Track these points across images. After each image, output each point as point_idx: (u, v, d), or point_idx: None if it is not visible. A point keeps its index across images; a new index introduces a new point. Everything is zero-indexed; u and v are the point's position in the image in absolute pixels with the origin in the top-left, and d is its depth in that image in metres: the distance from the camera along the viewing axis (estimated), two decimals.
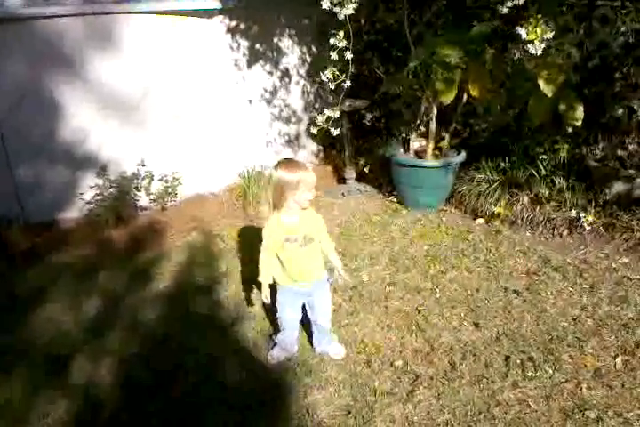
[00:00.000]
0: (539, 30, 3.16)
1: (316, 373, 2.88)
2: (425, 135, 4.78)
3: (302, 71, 5.30)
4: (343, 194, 5.09)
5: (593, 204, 4.14)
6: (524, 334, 3.09)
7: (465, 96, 4.42)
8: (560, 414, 2.54)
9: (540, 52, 3.20)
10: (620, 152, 4.20)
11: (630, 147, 4.19)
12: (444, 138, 4.64)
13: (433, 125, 4.43)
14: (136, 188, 4.51)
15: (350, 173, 5.18)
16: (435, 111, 4.39)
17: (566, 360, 2.87)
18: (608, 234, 4.05)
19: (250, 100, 4.97)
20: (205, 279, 3.81)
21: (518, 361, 2.89)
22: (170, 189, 4.66)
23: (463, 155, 4.54)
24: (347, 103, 4.81)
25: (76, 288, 3.70)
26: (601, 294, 3.42)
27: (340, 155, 5.52)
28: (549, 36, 3.16)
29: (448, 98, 4.15)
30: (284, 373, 2.89)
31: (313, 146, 5.73)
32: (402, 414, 2.59)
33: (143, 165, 4.48)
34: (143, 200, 4.60)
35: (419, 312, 3.33)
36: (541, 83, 3.54)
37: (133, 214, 4.54)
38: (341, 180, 5.36)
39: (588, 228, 3.97)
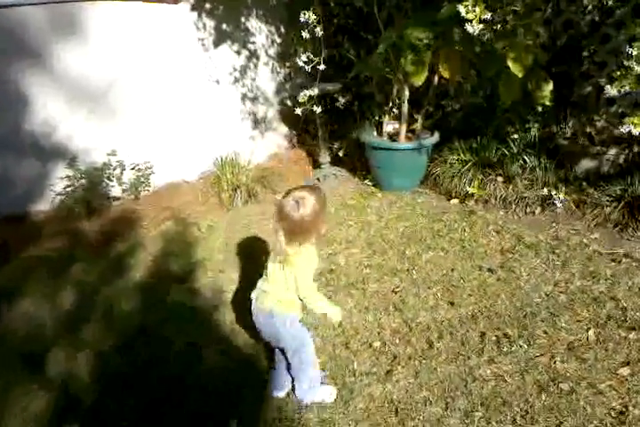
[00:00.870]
0: (478, 9, 3.13)
1: None
2: (398, 118, 4.79)
3: (272, 52, 5.24)
4: (318, 179, 5.08)
5: (564, 181, 4.20)
6: (498, 311, 3.15)
7: (436, 78, 4.43)
8: (535, 387, 2.60)
9: (477, 33, 3.18)
10: (588, 129, 4.25)
11: (598, 124, 4.24)
12: (416, 120, 4.65)
13: (405, 108, 4.43)
14: (108, 178, 4.44)
15: (325, 158, 5.17)
16: (407, 93, 4.39)
17: (540, 335, 2.93)
18: (579, 211, 4.12)
19: (217, 81, 4.90)
20: (182, 268, 3.79)
21: (494, 338, 2.94)
22: (142, 179, 4.60)
23: (436, 136, 4.56)
24: (317, 87, 4.78)
25: (50, 281, 3.65)
26: (573, 270, 3.49)
27: (313, 139, 5.50)
28: (488, 16, 3.12)
29: (419, 80, 4.14)
30: (264, 359, 2.90)
31: (285, 129, 5.70)
32: (381, 394, 2.63)
33: (114, 155, 4.42)
34: (115, 190, 4.54)
35: (395, 293, 3.37)
36: (510, 63, 3.55)
37: (106, 205, 4.48)
38: (316, 164, 5.35)
39: (559, 205, 4.03)
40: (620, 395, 2.51)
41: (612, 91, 3.30)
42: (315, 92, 3.61)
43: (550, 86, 3.74)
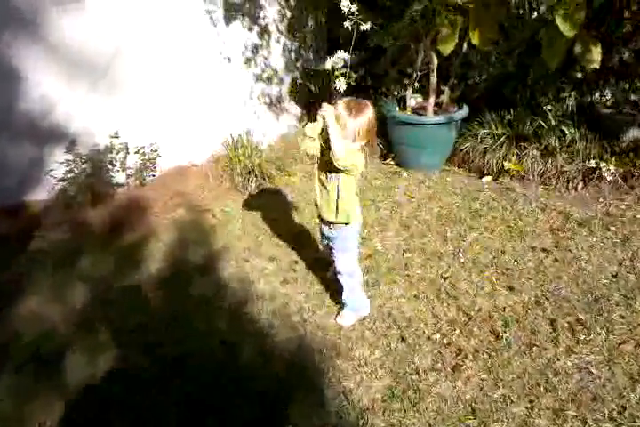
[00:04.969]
0: None
1: (345, 353, 2.57)
2: (420, 91, 4.46)
3: (282, 27, 4.84)
4: None
5: (608, 153, 3.89)
6: (565, 295, 2.84)
7: (465, 46, 4.09)
8: (626, 378, 2.31)
9: None
10: (632, 97, 3.94)
11: None
12: (442, 92, 4.31)
13: (434, 78, 4.08)
14: (110, 162, 4.04)
15: None
16: (435, 62, 4.03)
17: (617, 320, 2.64)
18: (626, 184, 3.82)
19: (227, 58, 4.48)
20: (202, 258, 3.42)
21: (566, 325, 2.64)
22: (148, 163, 4.21)
23: (466, 109, 4.22)
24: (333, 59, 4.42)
25: (58, 277, 3.26)
26: (634, 247, 3.20)
27: None
28: None
29: (448, 48, 3.79)
30: (310, 355, 2.57)
31: (296, 109, 5.31)
32: (452, 392, 2.32)
33: (117, 137, 4.01)
34: (119, 176, 4.14)
35: (445, 279, 3.04)
36: (559, 21, 3.21)
37: (110, 192, 4.08)
38: None
39: (609, 178, 3.73)
40: None
41: None
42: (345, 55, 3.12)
43: (599, 49, 3.41)
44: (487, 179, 4.16)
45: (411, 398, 2.30)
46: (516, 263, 3.13)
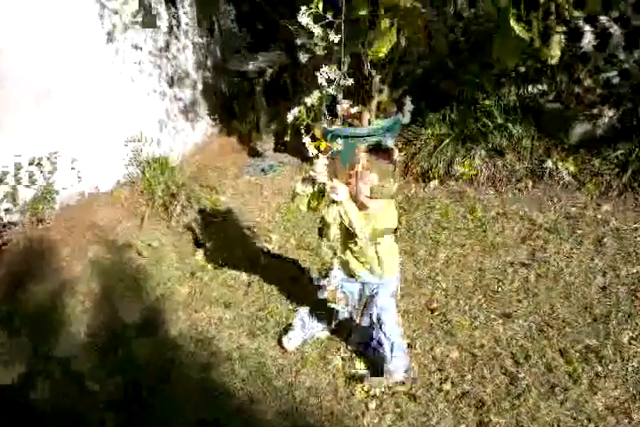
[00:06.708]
0: None
1: (352, 424, 2.18)
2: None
3: (192, 24, 4.18)
4: (263, 170, 4.24)
5: (558, 150, 3.76)
6: (563, 317, 2.63)
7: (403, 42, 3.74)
8: None
9: None
10: (576, 89, 3.82)
11: (586, 82, 3.82)
12: (380, 92, 3.94)
13: (377, 79, 3.67)
14: None
15: (267, 144, 4.33)
16: (369, 69, 3.60)
17: (627, 344, 2.46)
18: (576, 180, 3.71)
19: (140, 62, 3.75)
20: (140, 313, 2.84)
21: (578, 355, 2.42)
22: (44, 193, 3.48)
23: (408, 114, 3.90)
24: (259, 58, 3.93)
25: None
26: (609, 253, 3.07)
27: (242, 123, 4.63)
28: None
29: (382, 51, 3.43)
30: None
31: (208, 115, 4.69)
32: None
33: None
34: (11, 214, 3.37)
35: (433, 312, 2.72)
36: (513, 23, 2.95)
37: (2, 236, 3.32)
38: (253, 152, 4.48)
39: (567, 178, 3.59)
40: None
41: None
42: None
43: (557, 41, 3.20)
44: (434, 183, 3.89)
45: None
46: (501, 284, 2.88)
